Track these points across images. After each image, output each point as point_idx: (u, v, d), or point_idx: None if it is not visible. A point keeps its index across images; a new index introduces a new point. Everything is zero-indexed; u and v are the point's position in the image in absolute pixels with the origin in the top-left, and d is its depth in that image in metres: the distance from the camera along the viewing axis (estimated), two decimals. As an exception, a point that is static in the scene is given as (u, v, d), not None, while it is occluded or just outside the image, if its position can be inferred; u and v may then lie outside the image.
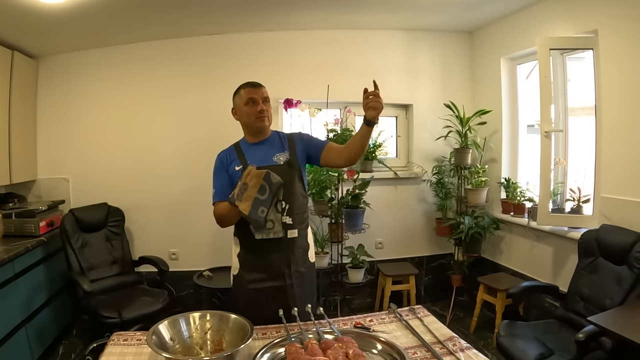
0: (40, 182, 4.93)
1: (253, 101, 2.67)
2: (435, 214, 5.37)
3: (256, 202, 2.34)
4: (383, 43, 5.22)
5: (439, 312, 5.04)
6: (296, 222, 2.62)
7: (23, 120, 4.60)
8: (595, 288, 3.34)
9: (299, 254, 2.67)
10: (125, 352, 1.95)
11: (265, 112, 2.68)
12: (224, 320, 1.98)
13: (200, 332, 1.96)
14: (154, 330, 1.84)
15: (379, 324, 2.22)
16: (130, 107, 4.98)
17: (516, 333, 3.28)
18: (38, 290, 4.01)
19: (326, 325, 2.08)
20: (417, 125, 5.35)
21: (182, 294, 5.08)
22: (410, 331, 2.13)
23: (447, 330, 2.13)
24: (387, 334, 2.08)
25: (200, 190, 4.43)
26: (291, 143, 2.74)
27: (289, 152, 2.69)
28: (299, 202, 2.64)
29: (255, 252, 2.64)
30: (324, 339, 1.88)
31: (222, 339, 1.94)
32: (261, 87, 2.72)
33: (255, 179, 2.37)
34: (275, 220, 2.56)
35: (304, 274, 2.70)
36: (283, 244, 2.60)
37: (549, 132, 3.97)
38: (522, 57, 4.78)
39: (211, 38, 4.96)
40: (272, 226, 2.55)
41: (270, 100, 2.76)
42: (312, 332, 1.99)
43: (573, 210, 4.04)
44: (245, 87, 2.72)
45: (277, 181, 2.40)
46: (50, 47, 4.72)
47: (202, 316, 2.00)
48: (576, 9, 3.90)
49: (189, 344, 1.92)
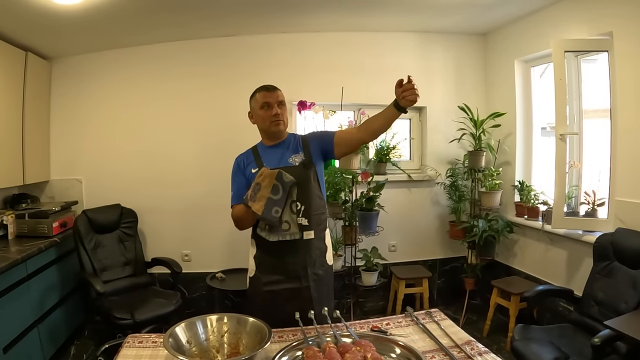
0: (54, 183, 4.96)
1: (268, 105, 2.68)
2: (448, 217, 5.34)
3: (269, 202, 2.34)
4: (396, 45, 5.20)
5: (452, 315, 4.98)
6: (313, 223, 2.61)
7: (36, 121, 4.63)
8: (610, 292, 3.30)
9: (316, 256, 2.66)
10: (140, 354, 1.95)
11: (280, 116, 2.69)
12: (242, 323, 1.97)
13: (217, 335, 1.95)
14: (170, 332, 1.84)
15: (395, 328, 2.21)
16: (143, 108, 5.00)
17: (531, 337, 3.25)
18: (51, 291, 4.03)
19: (343, 329, 2.07)
20: (431, 128, 5.33)
21: (195, 296, 5.08)
22: (428, 335, 2.11)
23: (464, 334, 2.11)
24: (405, 337, 2.06)
25: (214, 193, 4.45)
26: (305, 144, 2.73)
27: (303, 153, 2.69)
28: (315, 203, 2.63)
29: (271, 254, 2.63)
30: (341, 342, 1.86)
31: (239, 342, 1.93)
32: (276, 91, 2.72)
33: (267, 179, 2.38)
34: (290, 221, 2.55)
35: (322, 276, 2.68)
36: (300, 246, 2.59)
37: (564, 135, 3.94)
38: (536, 60, 4.74)
39: (224, 40, 4.97)
40: (288, 227, 2.54)
41: (285, 103, 2.75)
42: (329, 335, 1.98)
43: (588, 213, 4.00)
44: (261, 90, 2.73)
45: (290, 180, 2.41)
46: (64, 48, 4.75)
47: (220, 319, 1.99)
48: (591, 11, 3.87)
49: (205, 347, 1.91)
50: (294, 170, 2.56)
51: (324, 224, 2.73)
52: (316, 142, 2.72)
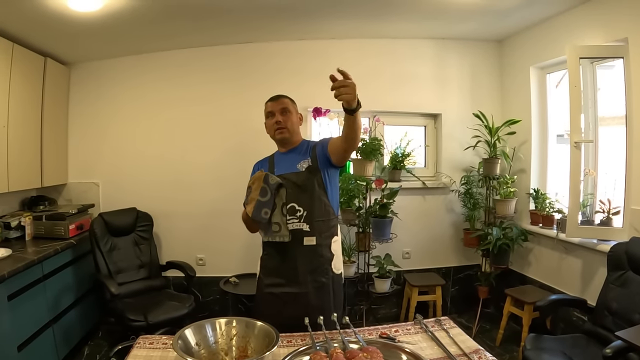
0: (71, 186, 5.03)
1: (272, 114, 2.77)
2: (463, 225, 5.32)
3: (258, 204, 2.39)
4: (412, 52, 5.21)
5: (465, 323, 4.98)
6: (315, 229, 2.62)
7: (55, 125, 4.70)
8: (624, 302, 3.26)
9: (320, 263, 2.67)
10: (150, 355, 1.97)
11: (281, 124, 2.74)
12: (250, 327, 1.98)
13: (226, 338, 1.97)
14: (180, 334, 1.86)
15: (404, 335, 2.20)
16: (160, 114, 5.05)
17: (543, 347, 3.22)
18: (66, 292, 4.08)
19: (351, 335, 2.07)
20: (446, 135, 5.31)
21: (208, 300, 5.10)
22: (436, 342, 2.11)
23: (472, 343, 2.10)
24: (413, 344, 2.06)
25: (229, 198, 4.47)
26: (313, 149, 2.77)
27: (310, 159, 2.72)
28: (319, 209, 2.64)
29: (274, 257, 2.69)
30: (349, 348, 1.87)
31: (247, 346, 1.94)
32: (279, 99, 2.80)
33: (257, 181, 2.43)
34: (281, 223, 2.59)
35: (324, 284, 2.68)
36: (301, 252, 2.62)
37: (579, 143, 3.92)
38: (551, 66, 4.72)
39: (241, 47, 5.00)
40: (278, 229, 2.59)
41: (291, 110, 2.80)
42: (337, 341, 1.98)
43: (602, 222, 3.97)
44: (267, 101, 2.83)
45: (275, 182, 2.48)
46: (83, 54, 4.81)
47: (228, 322, 2.01)
48: (606, 17, 3.85)
49: (214, 350, 1.92)
50: (300, 176, 2.62)
51: (331, 231, 2.72)
52: (319, 148, 2.74)
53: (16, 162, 4.00)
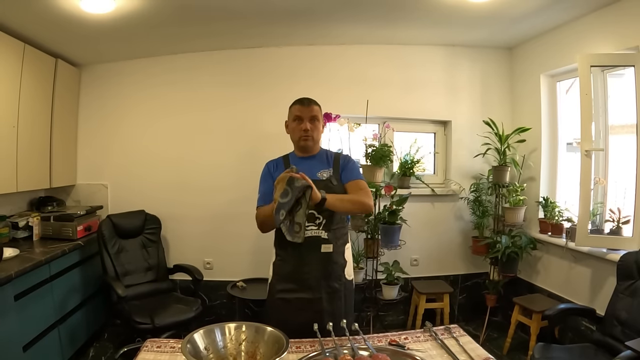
0: (80, 187, 5.04)
1: (300, 119, 2.72)
2: (471, 232, 5.29)
3: (278, 205, 2.36)
4: (422, 58, 5.20)
5: (472, 332, 4.93)
6: (332, 237, 2.65)
7: (65, 126, 4.72)
8: (634, 312, 3.22)
9: (333, 269, 2.68)
10: (158, 359, 1.97)
11: (309, 132, 2.71)
12: (260, 332, 1.96)
13: (235, 342, 1.95)
14: (189, 338, 1.84)
15: (413, 342, 2.19)
16: (170, 117, 5.05)
17: (551, 356, 3.20)
18: (72, 293, 4.08)
19: (361, 342, 2.06)
20: (456, 142, 5.30)
21: (215, 304, 5.10)
22: (446, 350, 2.10)
23: (482, 351, 2.09)
24: (422, 352, 2.05)
25: (238, 201, 4.48)
26: (336, 162, 2.78)
27: (332, 169, 2.73)
28: (337, 218, 2.67)
29: (288, 263, 2.68)
30: (358, 355, 1.86)
31: (256, 351, 1.92)
32: (311, 105, 2.75)
33: (281, 182, 2.41)
34: (302, 224, 2.45)
35: (337, 289, 2.69)
36: (317, 258, 2.62)
37: (589, 151, 3.89)
38: (562, 74, 4.70)
39: (251, 51, 5.01)
40: (299, 229, 2.49)
41: (320, 119, 2.77)
42: (346, 347, 1.97)
43: (612, 231, 3.95)
44: (296, 103, 2.78)
45: (301, 184, 2.37)
46: (93, 56, 4.84)
47: (238, 327, 1.99)
48: (616, 25, 3.84)
49: (223, 354, 1.91)
50: (321, 184, 2.58)
51: (344, 238, 2.76)
52: (343, 173, 2.75)
53: (25, 162, 4.01)
